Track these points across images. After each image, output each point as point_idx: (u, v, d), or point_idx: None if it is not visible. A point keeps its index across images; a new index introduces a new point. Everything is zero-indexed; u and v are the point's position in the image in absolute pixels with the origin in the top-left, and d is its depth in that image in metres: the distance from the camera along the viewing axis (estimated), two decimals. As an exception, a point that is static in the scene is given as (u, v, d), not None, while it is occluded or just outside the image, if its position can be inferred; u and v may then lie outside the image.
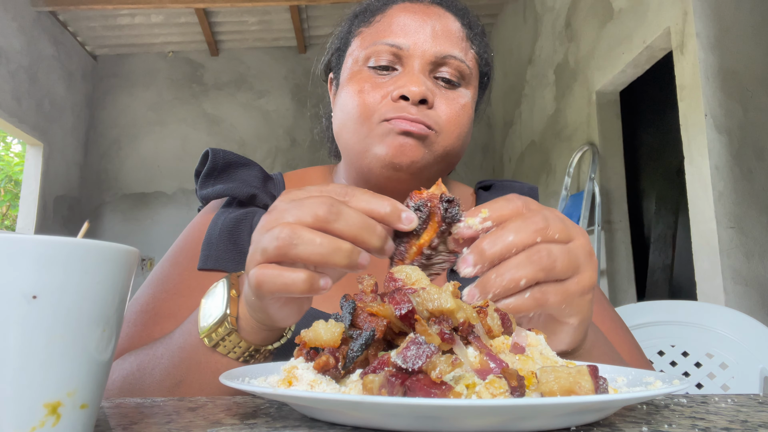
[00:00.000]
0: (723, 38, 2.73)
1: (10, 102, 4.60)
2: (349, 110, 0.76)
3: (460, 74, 0.77)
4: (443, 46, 0.76)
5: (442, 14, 0.79)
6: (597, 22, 3.76)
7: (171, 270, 0.77)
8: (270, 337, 0.57)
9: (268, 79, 6.22)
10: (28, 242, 0.29)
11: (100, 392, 0.33)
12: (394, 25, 0.77)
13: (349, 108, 0.76)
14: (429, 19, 0.77)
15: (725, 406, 0.45)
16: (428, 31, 0.76)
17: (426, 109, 0.73)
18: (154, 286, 0.75)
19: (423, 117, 0.72)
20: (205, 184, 0.82)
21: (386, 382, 0.35)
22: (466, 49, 0.79)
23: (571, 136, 4.13)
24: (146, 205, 5.94)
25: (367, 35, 0.79)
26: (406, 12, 0.78)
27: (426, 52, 0.75)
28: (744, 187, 2.63)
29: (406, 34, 0.76)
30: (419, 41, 0.76)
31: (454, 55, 0.76)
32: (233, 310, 0.55)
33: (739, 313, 1.16)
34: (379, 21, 0.79)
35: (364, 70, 0.77)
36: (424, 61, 0.75)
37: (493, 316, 0.44)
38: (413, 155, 0.72)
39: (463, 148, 0.79)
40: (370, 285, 0.46)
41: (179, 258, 0.78)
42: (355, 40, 0.81)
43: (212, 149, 0.82)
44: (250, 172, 0.82)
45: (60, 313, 0.29)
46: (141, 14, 5.52)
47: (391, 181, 0.74)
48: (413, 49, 0.75)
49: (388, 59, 0.76)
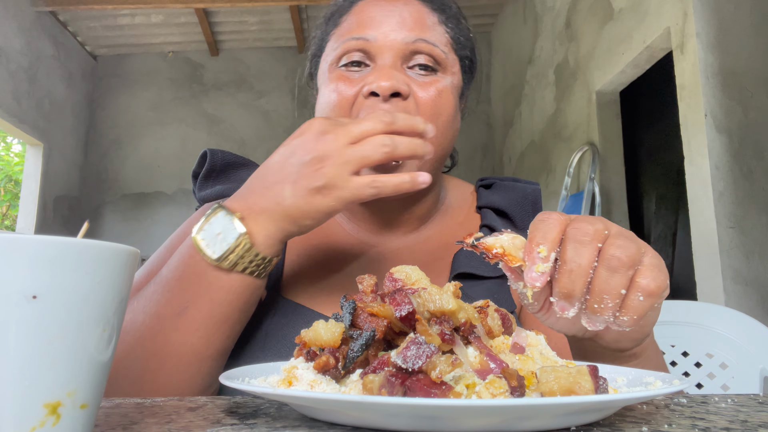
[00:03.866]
0: (723, 38, 2.73)
1: (10, 102, 4.59)
2: (327, 111, 0.75)
3: (435, 60, 0.75)
4: (412, 33, 0.74)
5: (409, 1, 0.77)
6: (597, 22, 3.76)
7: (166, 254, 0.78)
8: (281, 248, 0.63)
9: (268, 79, 6.21)
10: (28, 242, 0.29)
11: (100, 392, 0.33)
12: (360, 20, 0.76)
13: (326, 109, 0.75)
14: (395, 8, 0.76)
15: (725, 406, 0.45)
16: (395, 21, 0.75)
17: (400, 102, 0.71)
18: (148, 268, 0.77)
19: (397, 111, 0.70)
20: (203, 185, 0.82)
21: (386, 382, 0.35)
22: (439, 33, 0.77)
23: (571, 136, 4.13)
24: (146, 205, 5.93)
25: (337, 35, 0.78)
26: (371, 5, 0.77)
27: (395, 41, 0.73)
28: (744, 187, 2.63)
29: (373, 27, 0.74)
30: (387, 32, 0.74)
31: (424, 40, 0.74)
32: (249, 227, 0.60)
33: (739, 313, 1.16)
34: (346, 20, 0.78)
35: (337, 70, 0.76)
36: (394, 52, 0.73)
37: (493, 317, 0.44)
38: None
39: (448, 135, 0.77)
40: (371, 285, 0.46)
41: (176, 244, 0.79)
42: (329, 43, 0.80)
43: (210, 150, 0.82)
44: (249, 172, 0.82)
45: (60, 313, 0.29)
46: (141, 14, 5.52)
47: None
48: (381, 41, 0.74)
49: (359, 55, 0.75)
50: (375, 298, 0.44)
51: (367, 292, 0.45)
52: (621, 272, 0.45)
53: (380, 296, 0.44)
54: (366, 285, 0.46)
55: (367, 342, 0.41)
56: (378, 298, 0.44)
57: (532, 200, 0.86)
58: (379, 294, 0.45)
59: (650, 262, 0.47)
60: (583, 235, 0.47)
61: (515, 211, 0.84)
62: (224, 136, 6.10)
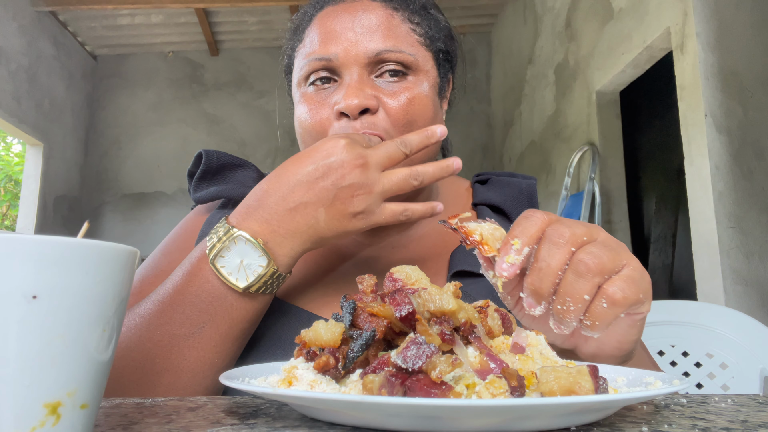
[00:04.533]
0: (723, 38, 2.73)
1: (10, 102, 4.59)
2: (304, 135, 0.75)
3: (403, 65, 0.73)
4: (374, 43, 0.72)
5: (368, 6, 0.74)
6: (597, 22, 3.76)
7: (161, 258, 0.77)
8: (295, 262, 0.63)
9: (268, 79, 6.22)
10: (28, 242, 0.29)
11: (100, 392, 0.33)
12: (321, 36, 0.74)
13: (304, 132, 0.75)
14: (354, 18, 0.73)
15: (725, 406, 0.45)
16: (355, 33, 0.72)
17: (371, 117, 0.70)
18: (143, 273, 0.77)
19: (369, 127, 0.70)
20: (199, 187, 0.82)
21: (386, 382, 0.35)
22: (404, 34, 0.74)
23: (571, 136, 4.13)
24: (146, 205, 5.94)
25: (302, 53, 0.77)
26: (329, 18, 0.75)
27: (358, 55, 0.71)
28: (744, 187, 2.63)
29: (333, 43, 0.72)
30: (348, 46, 0.72)
31: (388, 49, 0.72)
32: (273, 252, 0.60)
33: (739, 313, 1.16)
34: (308, 35, 0.77)
35: (306, 90, 0.75)
36: (358, 65, 0.72)
37: (493, 317, 0.44)
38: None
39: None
40: (371, 285, 0.46)
41: (170, 248, 0.79)
42: (296, 60, 0.79)
43: (205, 150, 0.82)
44: (246, 173, 0.82)
45: (60, 313, 0.29)
46: (141, 14, 5.52)
47: None
48: (343, 57, 0.72)
49: (324, 74, 0.74)
50: (375, 298, 0.44)
51: (367, 292, 0.45)
52: (587, 278, 0.47)
53: (380, 296, 0.44)
54: (366, 285, 0.46)
55: (367, 342, 0.41)
56: (378, 298, 0.44)
57: (528, 195, 0.85)
58: (379, 294, 0.45)
59: (627, 274, 0.48)
60: (559, 237, 0.49)
61: (511, 207, 0.83)
62: (224, 136, 6.10)
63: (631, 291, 0.47)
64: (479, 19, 5.91)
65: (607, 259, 0.47)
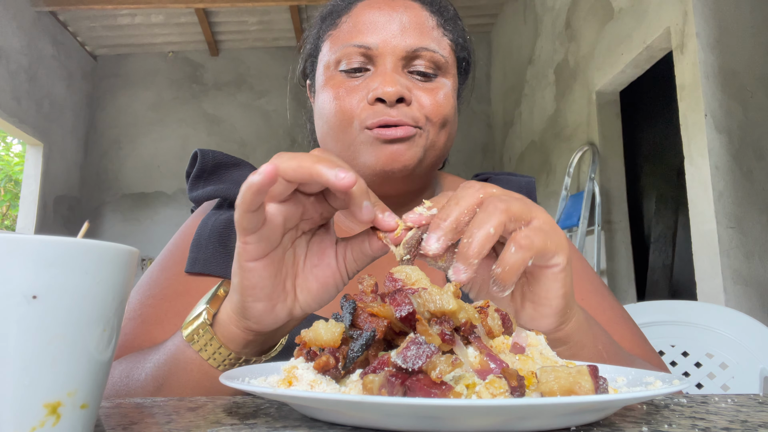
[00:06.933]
0: (723, 38, 2.73)
1: (10, 102, 4.59)
2: (329, 118, 0.74)
3: (435, 65, 0.75)
4: (413, 39, 0.74)
5: (409, 5, 0.76)
6: (597, 22, 3.76)
7: (159, 275, 0.76)
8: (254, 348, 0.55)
9: (268, 79, 6.22)
10: (28, 242, 0.29)
11: (100, 392, 0.33)
12: (360, 25, 0.75)
13: (328, 116, 0.74)
14: (395, 13, 0.75)
15: (725, 406, 0.45)
16: (396, 26, 0.74)
17: (405, 107, 0.71)
18: (141, 292, 0.75)
19: (404, 117, 0.71)
20: (195, 186, 0.81)
21: (386, 382, 0.35)
22: (439, 37, 0.76)
23: (571, 136, 4.13)
24: (146, 205, 5.94)
25: (336, 38, 0.77)
26: (371, 8, 0.76)
27: (396, 48, 0.73)
28: (744, 187, 2.63)
29: (373, 33, 0.74)
30: (388, 38, 0.73)
31: (426, 47, 0.74)
32: (214, 306, 0.55)
33: (739, 313, 1.16)
34: (345, 22, 0.77)
35: (336, 74, 0.75)
36: (395, 57, 0.73)
37: (493, 317, 0.44)
38: (405, 160, 0.71)
39: (451, 138, 0.78)
40: (371, 285, 0.46)
41: (167, 263, 0.77)
42: (325, 44, 0.79)
43: (201, 150, 0.82)
44: (242, 172, 0.81)
45: (60, 313, 0.29)
46: (141, 14, 5.52)
47: (384, 186, 0.74)
48: (383, 47, 0.73)
49: (359, 61, 0.74)
50: (375, 298, 0.44)
51: (367, 292, 0.45)
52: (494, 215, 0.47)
53: (380, 296, 0.44)
54: (366, 285, 0.46)
55: (367, 342, 0.41)
56: (378, 298, 0.44)
57: (527, 193, 0.86)
58: (379, 294, 0.45)
59: (536, 225, 0.49)
60: (472, 185, 0.50)
61: None
62: (224, 136, 6.10)
63: (539, 238, 0.47)
64: (479, 19, 5.91)
65: (516, 207, 0.48)
